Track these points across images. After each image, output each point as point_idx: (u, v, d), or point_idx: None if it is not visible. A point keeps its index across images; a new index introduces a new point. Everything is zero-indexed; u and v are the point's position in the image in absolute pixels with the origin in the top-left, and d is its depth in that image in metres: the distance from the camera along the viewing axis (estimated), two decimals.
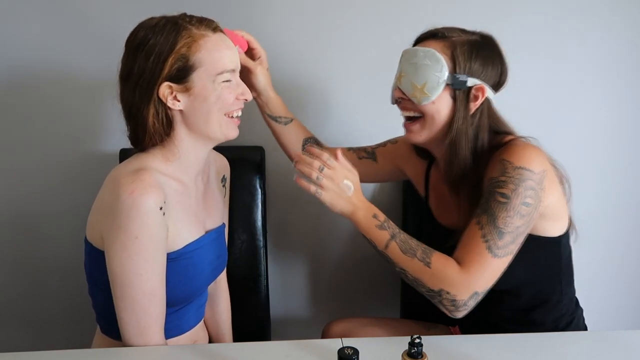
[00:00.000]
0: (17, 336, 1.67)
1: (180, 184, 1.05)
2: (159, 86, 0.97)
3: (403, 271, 1.03)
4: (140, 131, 1.01)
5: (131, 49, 0.99)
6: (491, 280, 1.00)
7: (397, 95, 1.13)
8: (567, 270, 1.16)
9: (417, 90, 1.08)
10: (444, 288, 0.99)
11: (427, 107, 1.08)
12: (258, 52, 1.23)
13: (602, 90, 1.59)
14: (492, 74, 1.09)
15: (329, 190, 1.04)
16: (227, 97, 1.01)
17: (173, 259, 1.01)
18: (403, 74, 1.11)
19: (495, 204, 1.01)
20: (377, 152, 1.36)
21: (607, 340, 1.04)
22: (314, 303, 1.72)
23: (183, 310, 1.10)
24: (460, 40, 1.08)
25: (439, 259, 1.01)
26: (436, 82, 1.06)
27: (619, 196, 1.65)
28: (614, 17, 1.53)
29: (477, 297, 1.00)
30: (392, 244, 1.03)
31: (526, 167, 1.01)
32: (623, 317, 1.77)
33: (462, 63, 1.06)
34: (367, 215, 1.06)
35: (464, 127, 1.08)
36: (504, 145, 1.07)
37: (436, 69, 1.06)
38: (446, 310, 1.01)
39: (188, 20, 1.00)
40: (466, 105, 1.08)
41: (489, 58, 1.09)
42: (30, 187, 1.57)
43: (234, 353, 0.98)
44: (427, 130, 1.11)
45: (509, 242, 1.00)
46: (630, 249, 1.71)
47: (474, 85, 1.07)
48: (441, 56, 1.06)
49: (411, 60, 1.09)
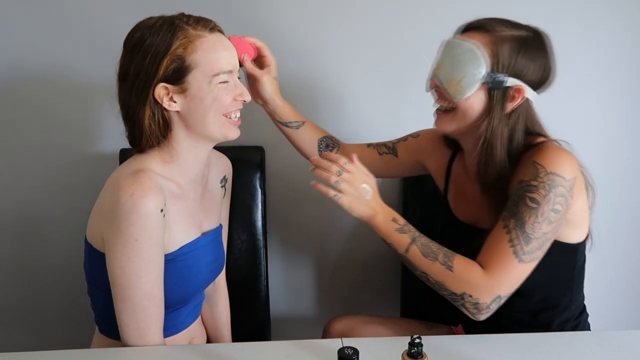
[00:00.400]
0: (17, 336, 1.67)
1: (177, 186, 1.04)
2: (154, 87, 0.97)
3: (424, 275, 1.02)
4: (137, 132, 1.00)
5: (128, 49, 0.99)
6: (515, 285, 1.00)
7: (433, 85, 1.11)
8: (578, 277, 1.16)
9: (453, 83, 1.05)
10: (466, 291, 0.98)
11: (461, 102, 1.06)
12: (268, 60, 1.21)
13: (603, 90, 1.59)
14: (534, 74, 1.05)
15: (347, 194, 1.03)
16: (223, 98, 1.00)
17: (169, 260, 1.01)
18: (441, 65, 1.08)
19: (524, 208, 0.99)
20: (397, 147, 1.34)
21: (608, 340, 1.04)
22: (314, 303, 1.72)
23: (179, 311, 1.10)
24: (506, 36, 1.04)
25: (461, 262, 1.01)
26: (473, 79, 1.03)
27: (619, 196, 1.65)
28: (613, 18, 1.53)
29: (500, 301, 0.99)
30: (413, 248, 1.02)
31: (558, 173, 0.99)
32: (624, 317, 1.77)
33: (504, 61, 1.03)
34: (387, 219, 1.05)
35: (499, 128, 1.05)
36: (536, 146, 1.05)
37: (475, 65, 1.03)
38: (468, 313, 1.01)
39: (185, 20, 0.99)
40: (502, 105, 1.05)
41: (535, 57, 1.05)
42: (31, 188, 1.57)
43: (233, 353, 0.98)
44: (456, 123, 1.09)
45: (535, 247, 0.99)
46: (631, 248, 1.71)
47: (513, 85, 1.04)
48: (482, 53, 1.03)
49: (451, 52, 1.07)
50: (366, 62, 1.53)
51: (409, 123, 1.44)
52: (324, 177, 1.03)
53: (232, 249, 1.41)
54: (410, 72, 1.54)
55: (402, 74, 1.54)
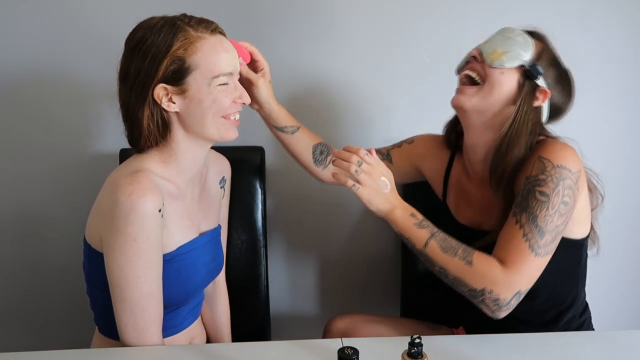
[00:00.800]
0: (17, 336, 1.67)
1: (175, 186, 1.04)
2: (154, 87, 0.97)
3: (443, 270, 1.02)
4: (136, 132, 1.00)
5: (129, 48, 0.99)
6: (533, 279, 1.00)
7: (473, 54, 1.13)
8: (583, 273, 1.17)
9: (497, 53, 1.08)
10: (487, 287, 0.98)
11: (495, 73, 1.08)
12: (261, 64, 1.21)
13: (605, 91, 1.58)
14: (557, 96, 1.10)
15: (366, 186, 1.03)
16: (223, 100, 1.00)
17: (167, 260, 1.01)
18: (490, 41, 1.11)
19: (534, 202, 1.00)
20: (392, 153, 1.35)
21: (608, 340, 1.04)
22: (314, 303, 1.72)
23: (177, 311, 1.10)
24: (551, 49, 1.11)
25: (481, 258, 1.01)
26: (517, 55, 1.07)
27: (621, 196, 1.65)
28: (613, 17, 1.53)
29: (519, 297, 0.99)
30: (432, 243, 1.02)
31: (565, 166, 1.01)
32: (625, 317, 1.77)
33: (544, 63, 1.08)
34: (405, 214, 1.05)
35: (528, 116, 1.07)
36: (539, 143, 1.08)
37: (524, 47, 1.07)
38: (488, 310, 1.00)
39: (187, 21, 0.99)
40: (531, 97, 1.08)
41: (563, 82, 1.11)
42: (31, 188, 1.57)
43: (233, 353, 0.98)
44: (479, 98, 1.09)
45: (549, 240, 1.00)
46: (632, 248, 1.70)
47: (542, 86, 1.07)
48: (532, 43, 1.08)
49: (505, 34, 1.10)
50: (364, 64, 1.53)
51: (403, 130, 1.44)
52: (343, 167, 1.04)
53: (232, 249, 1.41)
54: (409, 73, 1.54)
55: (400, 75, 1.54)
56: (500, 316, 1.00)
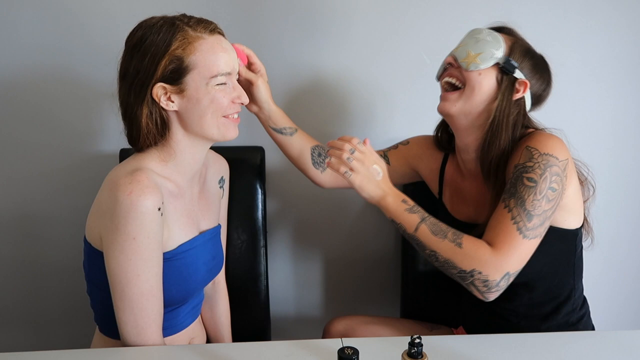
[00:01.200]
0: (17, 336, 1.67)
1: (174, 185, 1.04)
2: (152, 86, 0.97)
3: (433, 253, 1.04)
4: (135, 131, 1.01)
5: (129, 48, 0.99)
6: (522, 262, 1.02)
7: (448, 60, 1.16)
8: (579, 265, 1.18)
9: (470, 56, 1.11)
10: (476, 268, 1.00)
11: (472, 75, 1.11)
12: (257, 66, 1.22)
13: (609, 88, 1.58)
14: (536, 84, 1.13)
15: (359, 173, 1.06)
16: (221, 100, 1.01)
17: (167, 259, 1.01)
18: (462, 45, 1.14)
19: (522, 187, 1.03)
20: (389, 155, 1.37)
21: (608, 340, 1.04)
22: (314, 303, 1.72)
23: (177, 311, 1.11)
24: (522, 42, 1.14)
25: (470, 240, 1.03)
26: (490, 55, 1.10)
27: (623, 195, 1.65)
28: (615, 15, 1.53)
29: (508, 278, 1.01)
30: (423, 227, 1.05)
31: (551, 154, 1.04)
32: (626, 317, 1.77)
33: (517, 56, 1.11)
34: (397, 200, 1.07)
35: (508, 110, 1.10)
36: (528, 134, 1.11)
37: (495, 46, 1.10)
38: (478, 292, 1.02)
39: (186, 21, 0.99)
40: (510, 91, 1.10)
41: (538, 70, 1.13)
42: (31, 188, 1.57)
43: (234, 353, 0.98)
44: (462, 101, 1.12)
45: (537, 224, 1.02)
46: (634, 247, 1.70)
47: (520, 78, 1.10)
48: (502, 40, 1.11)
49: (474, 35, 1.14)
50: (362, 63, 1.53)
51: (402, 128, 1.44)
52: (336, 155, 1.07)
53: (232, 249, 1.41)
54: (407, 72, 1.54)
55: (398, 74, 1.54)
56: (490, 298, 1.02)
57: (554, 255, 1.12)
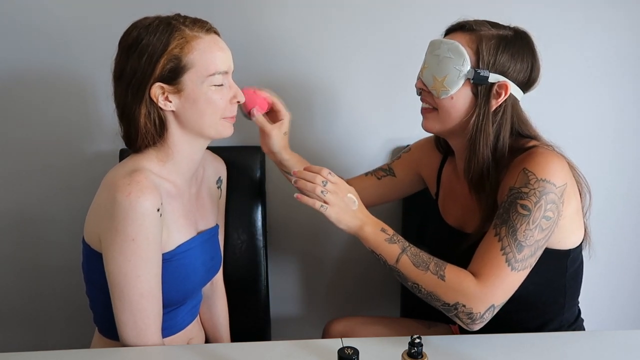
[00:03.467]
0: (17, 336, 1.67)
1: (172, 185, 1.05)
2: (150, 86, 0.97)
3: (416, 285, 1.01)
4: (133, 132, 1.01)
5: (124, 48, 0.99)
6: (508, 294, 0.98)
7: (419, 86, 1.12)
8: (572, 284, 1.14)
9: (437, 83, 1.06)
10: (459, 301, 0.97)
11: (445, 101, 1.06)
12: (281, 114, 1.22)
13: (608, 91, 1.58)
14: (519, 72, 1.05)
15: (334, 205, 1.02)
16: (218, 102, 1.01)
17: (166, 260, 1.01)
18: (426, 66, 1.09)
19: (515, 215, 0.98)
20: (393, 167, 1.36)
21: (606, 340, 1.04)
22: (314, 303, 1.72)
23: (176, 311, 1.11)
24: (488, 35, 1.05)
25: (453, 271, 0.99)
26: (456, 75, 1.04)
27: (621, 196, 1.65)
28: (616, 14, 1.53)
29: (493, 311, 0.97)
30: (404, 258, 1.01)
31: (549, 180, 0.98)
32: (623, 317, 1.77)
33: (486, 58, 1.03)
34: (375, 230, 1.03)
35: (484, 124, 1.04)
36: (526, 151, 1.04)
37: (458, 62, 1.04)
38: (462, 323, 0.99)
39: (182, 21, 1.00)
40: (487, 101, 1.05)
41: (517, 55, 1.05)
42: (30, 188, 1.56)
43: (233, 353, 0.98)
44: (441, 122, 1.09)
45: (528, 255, 0.98)
46: (630, 248, 1.70)
47: (497, 81, 1.04)
48: (464, 50, 1.04)
49: (434, 52, 1.07)
50: (361, 63, 1.53)
51: (404, 126, 1.43)
52: (308, 189, 1.02)
53: (232, 249, 1.41)
54: (406, 72, 1.54)
55: (397, 74, 1.54)
56: (474, 329, 0.99)
57: (542, 275, 1.07)
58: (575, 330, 1.16)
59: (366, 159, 1.58)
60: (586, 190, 1.11)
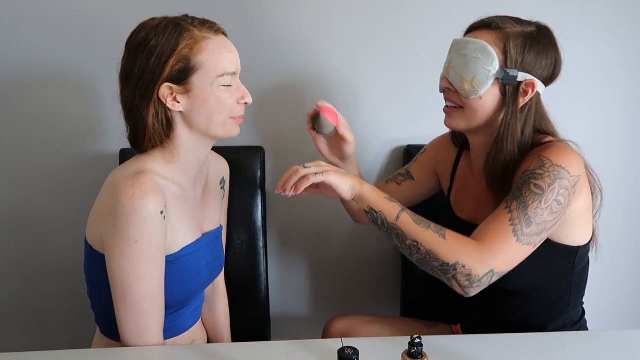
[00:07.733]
0: (17, 336, 1.67)
1: (178, 187, 1.04)
2: (159, 87, 0.97)
3: (415, 244, 0.99)
4: (140, 132, 1.01)
5: (132, 49, 0.99)
6: (510, 265, 0.98)
7: (444, 85, 1.11)
8: (579, 282, 1.14)
9: (465, 83, 1.05)
10: (459, 261, 0.95)
11: (473, 101, 1.06)
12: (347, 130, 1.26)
13: (615, 91, 1.58)
14: (544, 68, 1.06)
15: (329, 170, 1.02)
16: (227, 102, 1.01)
17: (170, 262, 1.01)
18: (452, 65, 1.08)
19: (528, 193, 0.98)
20: (411, 170, 1.36)
21: (607, 340, 1.04)
22: (314, 303, 1.72)
23: (179, 312, 1.10)
24: (514, 32, 1.04)
25: (454, 234, 0.99)
26: (486, 76, 1.03)
27: (622, 196, 1.65)
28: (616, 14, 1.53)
29: (492, 276, 0.96)
30: (404, 215, 1.00)
31: (564, 167, 0.99)
32: (623, 317, 1.77)
33: (515, 57, 1.03)
34: (374, 189, 1.04)
35: (512, 122, 1.05)
36: (544, 144, 1.05)
37: (486, 62, 1.03)
38: (458, 286, 0.97)
39: (190, 21, 1.00)
40: (515, 99, 1.05)
41: (543, 51, 1.05)
42: (31, 188, 1.57)
43: (234, 353, 0.98)
44: (466, 120, 1.09)
45: (534, 232, 0.97)
46: (634, 249, 1.70)
47: (525, 80, 1.04)
48: (493, 49, 1.03)
49: (461, 52, 1.06)
50: (379, 61, 1.52)
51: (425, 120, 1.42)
52: (300, 174, 1.01)
53: (232, 249, 1.41)
54: (406, 72, 1.54)
55: (397, 74, 1.54)
56: (471, 293, 0.98)
57: (549, 270, 1.08)
58: (578, 330, 1.17)
59: (366, 158, 1.58)
60: (598, 191, 1.11)
